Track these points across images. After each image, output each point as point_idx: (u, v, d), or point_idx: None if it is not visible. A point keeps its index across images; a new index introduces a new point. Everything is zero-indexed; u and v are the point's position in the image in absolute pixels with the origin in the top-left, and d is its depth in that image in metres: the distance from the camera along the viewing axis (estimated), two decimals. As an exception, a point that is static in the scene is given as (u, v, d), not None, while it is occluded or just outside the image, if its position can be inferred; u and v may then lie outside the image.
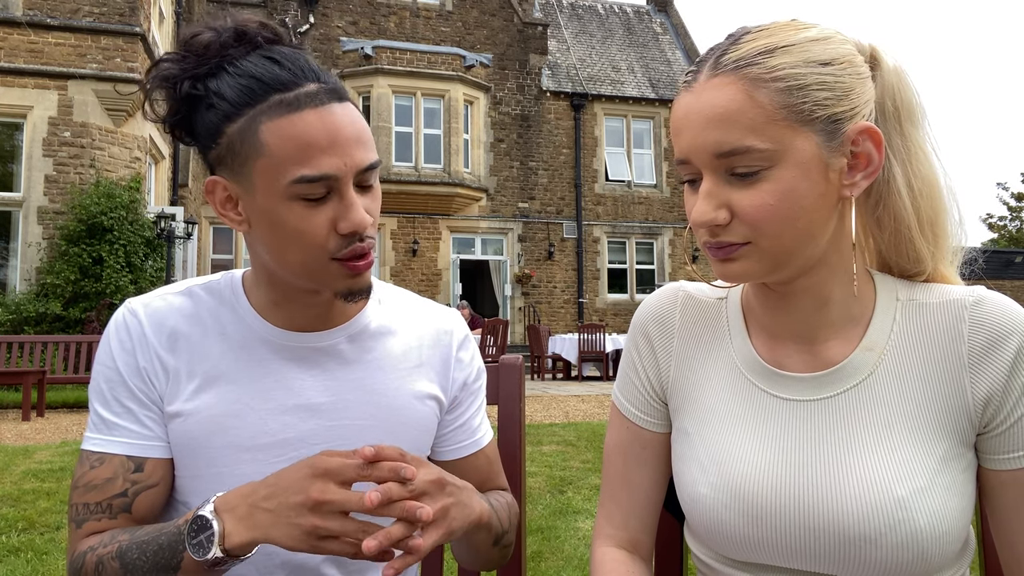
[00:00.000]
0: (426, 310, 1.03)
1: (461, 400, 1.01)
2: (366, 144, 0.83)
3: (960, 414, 0.76)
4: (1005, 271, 20.63)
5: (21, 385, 7.37)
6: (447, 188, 17.12)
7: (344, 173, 0.80)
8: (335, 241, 0.82)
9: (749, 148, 0.70)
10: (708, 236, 0.76)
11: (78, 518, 0.85)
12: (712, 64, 0.74)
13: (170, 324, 0.90)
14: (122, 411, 0.88)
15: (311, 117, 0.79)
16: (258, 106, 0.79)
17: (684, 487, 0.84)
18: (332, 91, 0.82)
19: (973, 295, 0.78)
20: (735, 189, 0.73)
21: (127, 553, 0.79)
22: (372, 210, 0.85)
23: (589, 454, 5.02)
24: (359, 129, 0.82)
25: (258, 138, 0.79)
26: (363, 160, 0.82)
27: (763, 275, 0.77)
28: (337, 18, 17.49)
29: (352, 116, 0.82)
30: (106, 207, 9.86)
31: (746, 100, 0.71)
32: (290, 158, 0.78)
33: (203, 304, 0.93)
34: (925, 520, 0.72)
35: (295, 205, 0.80)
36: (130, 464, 0.86)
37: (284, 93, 0.79)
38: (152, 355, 0.89)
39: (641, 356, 0.92)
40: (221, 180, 0.85)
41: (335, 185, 0.80)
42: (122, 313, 0.91)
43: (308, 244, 0.82)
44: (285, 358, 0.91)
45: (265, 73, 0.80)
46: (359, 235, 0.83)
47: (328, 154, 0.79)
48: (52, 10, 10.18)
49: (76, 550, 0.84)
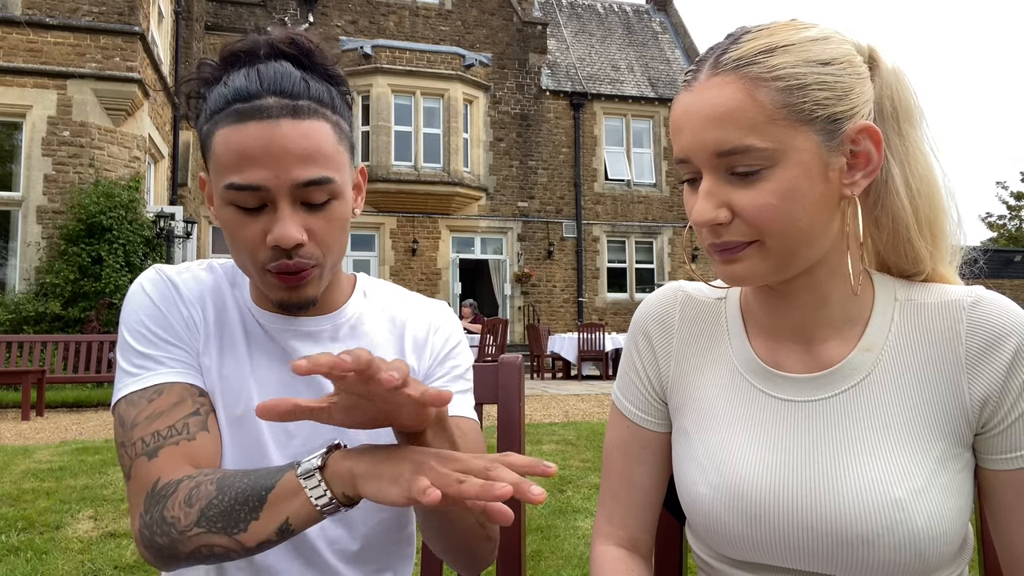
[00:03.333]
0: (408, 301, 1.06)
1: (432, 373, 1.01)
2: (312, 161, 0.83)
3: (958, 414, 0.76)
4: (1004, 270, 20.64)
5: (20, 385, 7.37)
6: (446, 187, 17.12)
7: (275, 186, 0.82)
8: (265, 252, 0.85)
9: (749, 147, 0.71)
10: (712, 237, 0.76)
11: (148, 449, 0.83)
12: (712, 63, 0.74)
13: (199, 290, 0.96)
14: (172, 347, 0.91)
15: (253, 129, 0.82)
16: (220, 113, 0.84)
17: (684, 487, 0.85)
18: (291, 107, 0.83)
19: (971, 296, 0.78)
20: (735, 188, 0.73)
21: (226, 478, 0.77)
22: (317, 230, 0.86)
23: (589, 453, 5.02)
24: (306, 147, 0.83)
25: (212, 143, 0.85)
26: (299, 176, 0.82)
27: (768, 276, 0.77)
28: (336, 17, 17.48)
29: (304, 132, 0.83)
30: (105, 206, 9.86)
31: (746, 99, 0.71)
32: (226, 165, 0.83)
33: (222, 280, 0.99)
34: (923, 520, 0.72)
35: (230, 210, 0.85)
36: (194, 390, 0.89)
37: (242, 104, 0.83)
38: (190, 308, 0.94)
39: (641, 355, 0.92)
40: (205, 176, 0.91)
41: (268, 197, 0.83)
42: (154, 273, 0.96)
43: (242, 250, 0.86)
44: (277, 341, 0.95)
45: (237, 85, 0.84)
46: (286, 251, 0.84)
47: (261, 166, 0.82)
48: (51, 9, 10.17)
49: (162, 478, 0.81)
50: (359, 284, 1.04)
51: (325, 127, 0.85)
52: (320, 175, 0.84)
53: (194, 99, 0.89)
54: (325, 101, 0.86)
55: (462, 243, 18.11)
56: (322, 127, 0.85)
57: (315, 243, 0.86)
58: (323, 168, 0.84)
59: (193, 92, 0.89)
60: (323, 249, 0.87)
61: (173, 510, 0.77)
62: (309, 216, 0.85)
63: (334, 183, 0.85)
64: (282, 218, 0.83)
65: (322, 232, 0.86)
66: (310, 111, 0.84)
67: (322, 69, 0.89)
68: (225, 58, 0.88)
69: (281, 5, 17.18)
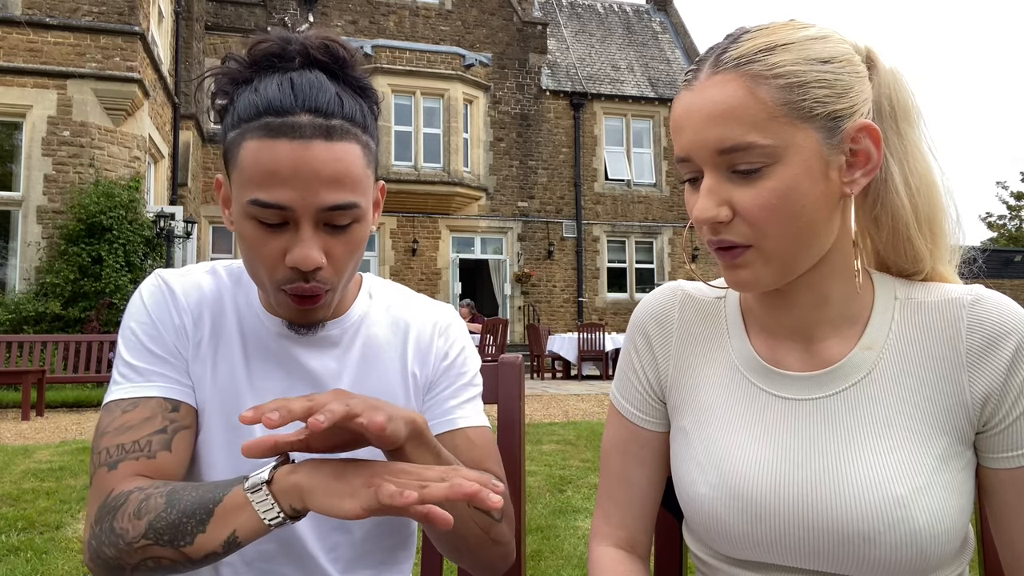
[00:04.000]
0: (413, 302, 1.05)
1: (438, 383, 1.01)
2: (340, 185, 0.82)
3: (959, 413, 0.76)
4: (1004, 270, 20.64)
5: (20, 385, 7.37)
6: (446, 187, 17.12)
7: (300, 207, 0.81)
8: (283, 272, 0.84)
9: (751, 144, 0.71)
10: (710, 234, 0.76)
11: (111, 460, 0.84)
12: (712, 62, 0.74)
13: (197, 297, 0.96)
14: (157, 360, 0.91)
15: (283, 147, 0.80)
16: (251, 123, 0.82)
17: (683, 486, 0.84)
18: (325, 127, 0.81)
19: (971, 294, 0.78)
20: (736, 186, 0.73)
21: (176, 491, 0.78)
22: (336, 254, 0.85)
23: (588, 453, 5.02)
24: (336, 171, 0.81)
25: (239, 152, 0.83)
26: (326, 200, 0.81)
27: (772, 281, 0.77)
28: (336, 17, 17.48)
29: (336, 155, 0.81)
30: (105, 206, 9.86)
31: (748, 96, 0.71)
32: (253, 179, 0.81)
33: (224, 286, 0.98)
34: (924, 519, 0.72)
35: (251, 224, 0.84)
36: (167, 405, 0.89)
37: (274, 118, 0.81)
38: (184, 316, 0.94)
39: (640, 355, 0.92)
40: (223, 179, 0.90)
41: (292, 217, 0.82)
42: (154, 279, 0.96)
43: (259, 265, 0.85)
44: (282, 346, 0.95)
45: (269, 95, 0.82)
46: (304, 274, 0.83)
47: (288, 186, 0.80)
48: (51, 9, 10.17)
49: (115, 489, 0.81)
50: (365, 284, 1.03)
51: (356, 150, 0.84)
52: (347, 200, 0.83)
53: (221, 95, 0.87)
54: (357, 120, 0.85)
55: (462, 243, 18.11)
56: (353, 150, 0.83)
57: (332, 266, 0.85)
58: (350, 193, 0.83)
59: (220, 89, 0.87)
60: (338, 272, 0.87)
61: (122, 522, 0.78)
62: (330, 238, 0.84)
63: (359, 208, 0.84)
64: (304, 239, 0.82)
65: (340, 256, 0.86)
66: (342, 132, 0.82)
67: (354, 81, 0.87)
68: (256, 59, 0.85)
69: (281, 5, 17.17)
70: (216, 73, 0.88)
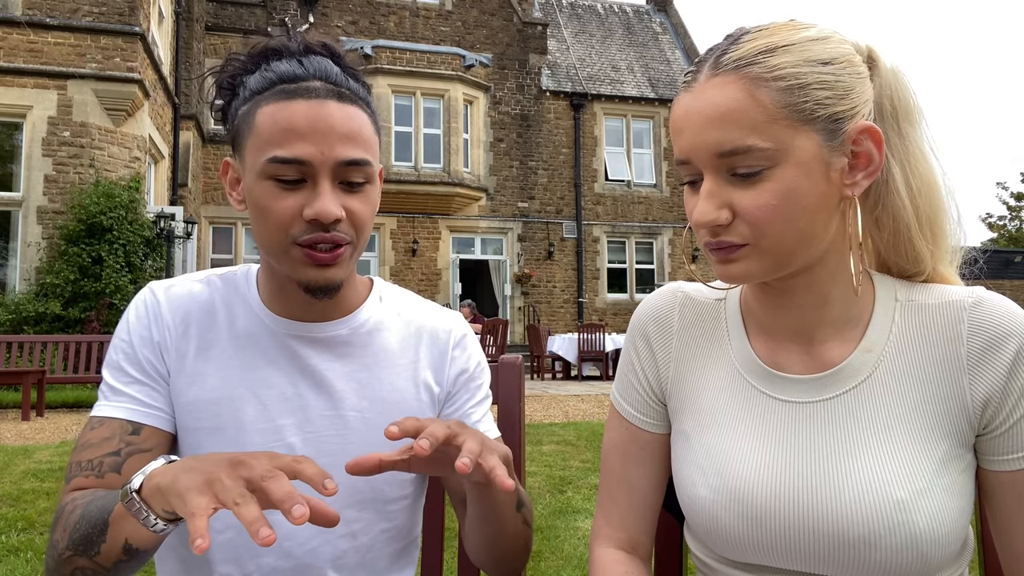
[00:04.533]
0: (425, 309, 1.05)
1: (456, 395, 1.02)
2: (355, 142, 0.86)
3: (959, 415, 0.76)
4: (1005, 271, 20.63)
5: (20, 385, 7.37)
6: (447, 188, 17.11)
7: (319, 162, 0.84)
8: (299, 226, 0.85)
9: (751, 147, 0.70)
10: (709, 236, 0.76)
11: (69, 475, 0.87)
12: (712, 64, 0.74)
13: (185, 308, 0.95)
14: (129, 380, 0.92)
15: (300, 106, 0.84)
16: (265, 93, 0.87)
17: (683, 489, 0.84)
18: (336, 91, 0.86)
19: (972, 296, 0.78)
20: (736, 189, 0.73)
21: (92, 502, 0.79)
22: (355, 210, 0.87)
23: (589, 454, 5.02)
24: (351, 128, 0.86)
25: (254, 119, 0.86)
26: (343, 154, 0.85)
27: (763, 275, 0.77)
28: (337, 17, 17.48)
29: (348, 115, 0.86)
30: (105, 207, 9.85)
31: (747, 99, 0.71)
32: (271, 139, 0.84)
33: (218, 292, 0.98)
34: (925, 522, 0.72)
35: (269, 184, 0.85)
36: (128, 427, 0.89)
37: (288, 84, 0.86)
38: (166, 332, 0.94)
39: (640, 357, 0.92)
40: (231, 161, 0.93)
41: (309, 172, 0.84)
42: (144, 293, 0.97)
43: (274, 223, 0.86)
44: (287, 347, 0.95)
45: (282, 69, 0.87)
46: (324, 225, 0.85)
47: (306, 141, 0.83)
48: (51, 10, 10.17)
49: (60, 502, 0.84)
50: (375, 288, 1.03)
51: (365, 115, 0.89)
52: (362, 156, 0.86)
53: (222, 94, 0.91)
54: (362, 97, 0.90)
55: (462, 243, 18.10)
56: (362, 114, 0.89)
57: (350, 222, 0.87)
58: (364, 150, 0.87)
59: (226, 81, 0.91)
60: (357, 230, 0.88)
61: (56, 533, 0.80)
62: (346, 196, 0.87)
63: (371, 166, 0.88)
64: (323, 193, 0.84)
65: (358, 213, 0.88)
66: (353, 98, 0.88)
67: (351, 72, 0.92)
68: (258, 53, 0.90)
69: (281, 5, 17.17)
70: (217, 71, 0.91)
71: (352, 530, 0.94)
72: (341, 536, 0.93)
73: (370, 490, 0.94)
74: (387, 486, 0.95)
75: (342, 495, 0.92)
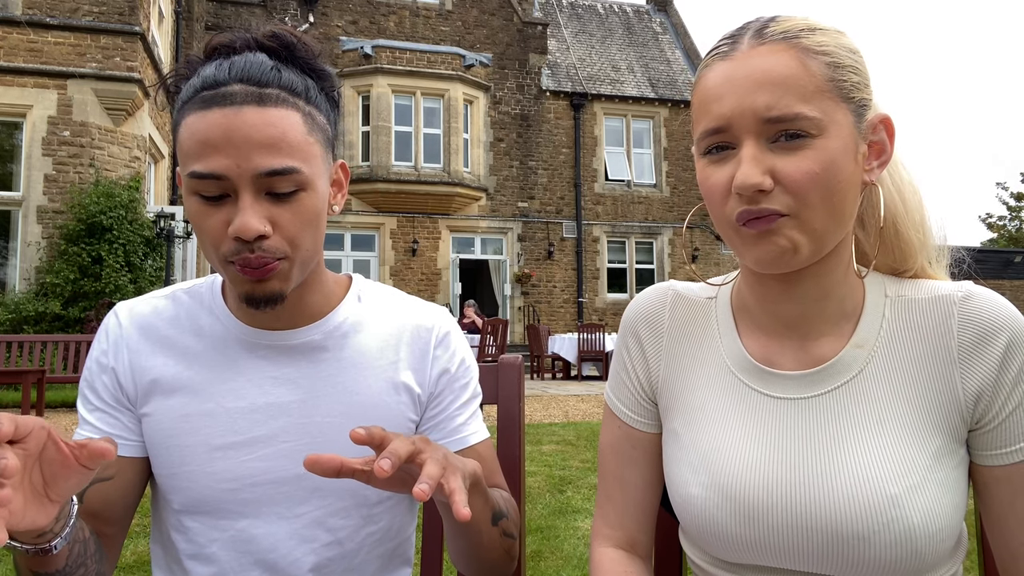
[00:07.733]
0: (406, 306, 1.01)
1: (440, 396, 0.98)
2: (276, 150, 0.80)
3: (951, 410, 0.76)
4: (1004, 271, 20.63)
5: (20, 385, 7.37)
6: (447, 188, 17.12)
7: (235, 175, 0.79)
8: (228, 244, 0.81)
9: (799, 115, 0.71)
10: (748, 203, 0.72)
11: None
12: (754, 34, 0.74)
13: (149, 326, 0.94)
14: (91, 408, 0.93)
15: (215, 116, 0.79)
16: (189, 102, 0.82)
17: (675, 489, 0.84)
18: (257, 94, 0.80)
19: (962, 291, 0.78)
20: (778, 156, 0.72)
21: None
22: (282, 223, 0.82)
23: (588, 453, 5.02)
24: (269, 135, 0.79)
25: (179, 131, 0.83)
26: (261, 165, 0.79)
27: (806, 253, 0.74)
28: (337, 17, 17.48)
29: (269, 120, 0.80)
30: (105, 206, 9.85)
31: (799, 67, 0.72)
32: (190, 152, 0.81)
33: (183, 307, 0.96)
34: (918, 517, 0.72)
35: (195, 200, 0.82)
36: None
37: (208, 91, 0.81)
38: (126, 356, 0.93)
39: (631, 356, 0.92)
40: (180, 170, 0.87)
41: (229, 186, 0.80)
42: (108, 317, 0.96)
43: (207, 241, 0.83)
44: (258, 356, 0.92)
45: (207, 74, 0.82)
46: (248, 244, 0.80)
47: (222, 153, 0.79)
48: (51, 9, 10.17)
49: None
50: (354, 287, 0.99)
51: (294, 116, 0.82)
52: (284, 165, 0.80)
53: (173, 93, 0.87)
54: (297, 91, 0.83)
55: (462, 243, 18.10)
56: (290, 115, 0.81)
57: (280, 236, 0.82)
58: (288, 158, 0.80)
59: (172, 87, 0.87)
60: (290, 243, 0.83)
61: None
62: (274, 207, 0.81)
63: (300, 173, 0.81)
64: (243, 208, 0.79)
65: (288, 225, 0.82)
66: (278, 99, 0.81)
67: (303, 63, 0.86)
68: (207, 54, 0.86)
69: (281, 5, 17.18)
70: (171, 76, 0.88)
71: (337, 538, 0.92)
72: (325, 545, 0.91)
73: (351, 496, 0.92)
74: (368, 488, 0.91)
75: (323, 506, 0.91)
